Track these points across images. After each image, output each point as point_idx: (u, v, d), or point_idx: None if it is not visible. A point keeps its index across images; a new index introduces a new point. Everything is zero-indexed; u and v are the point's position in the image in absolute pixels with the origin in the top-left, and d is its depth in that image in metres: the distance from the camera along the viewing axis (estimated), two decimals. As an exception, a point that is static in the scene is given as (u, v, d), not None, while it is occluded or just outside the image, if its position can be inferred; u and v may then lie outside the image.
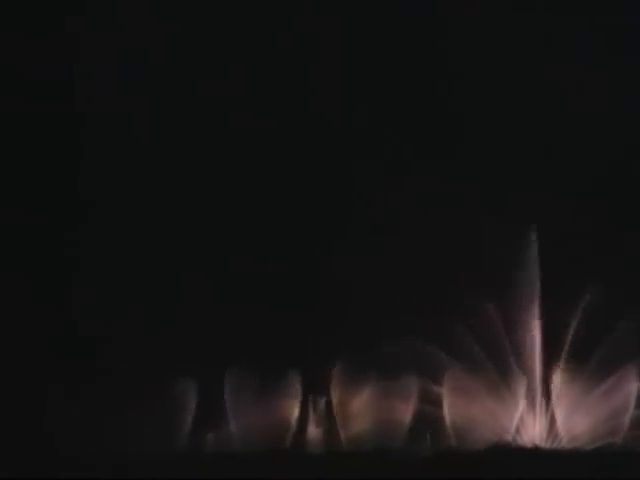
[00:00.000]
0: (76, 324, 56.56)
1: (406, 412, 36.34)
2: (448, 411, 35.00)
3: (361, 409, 38.37)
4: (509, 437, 34.08)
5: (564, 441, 33.82)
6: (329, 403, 41.07)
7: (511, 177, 56.16)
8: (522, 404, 34.31)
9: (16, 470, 41.65)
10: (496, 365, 36.17)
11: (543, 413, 33.63)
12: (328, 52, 63.27)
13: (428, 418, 35.63)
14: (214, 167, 62.55)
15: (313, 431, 41.35)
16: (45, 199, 59.36)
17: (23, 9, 60.48)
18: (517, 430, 34.59)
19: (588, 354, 35.33)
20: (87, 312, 57.19)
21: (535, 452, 32.51)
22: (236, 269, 59.50)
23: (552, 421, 34.80)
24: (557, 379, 34.25)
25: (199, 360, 50.56)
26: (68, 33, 60.48)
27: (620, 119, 59.12)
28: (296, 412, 40.67)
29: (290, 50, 63.12)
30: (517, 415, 34.52)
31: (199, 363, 50.00)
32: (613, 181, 54.04)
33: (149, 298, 58.75)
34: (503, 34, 63.47)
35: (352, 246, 57.89)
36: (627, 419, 32.62)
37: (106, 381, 49.67)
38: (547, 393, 34.49)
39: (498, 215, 48.39)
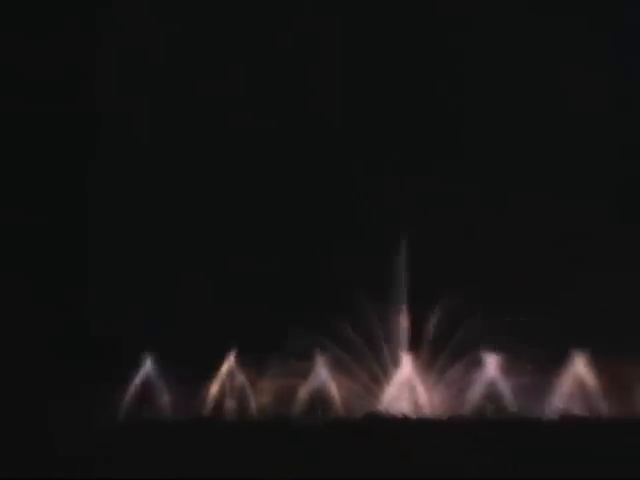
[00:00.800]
0: (77, 324, 57.63)
1: (304, 389, 47.37)
2: (336, 389, 46.49)
3: (267, 386, 49.40)
4: (383, 409, 45.10)
5: (426, 412, 44.90)
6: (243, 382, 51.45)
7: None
8: (393, 383, 46.01)
9: (16, 470, 41.42)
10: (373, 352, 47.50)
11: (409, 390, 45.14)
12: (328, 52, 63.77)
13: (320, 394, 46.86)
14: (215, 167, 63.33)
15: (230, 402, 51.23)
16: (48, 200, 60.16)
17: (23, 9, 61.48)
18: (390, 403, 45.65)
19: (444, 344, 46.50)
20: (89, 312, 58.59)
21: (404, 420, 42.98)
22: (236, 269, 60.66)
23: (416, 396, 45.83)
24: (421, 363, 45.67)
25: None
26: (73, 34, 61.01)
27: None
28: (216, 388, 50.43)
29: (290, 50, 63.52)
30: (389, 392, 45.97)
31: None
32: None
33: (151, 297, 59.77)
34: (502, 34, 63.85)
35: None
36: (473, 395, 43.58)
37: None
38: (412, 374, 45.76)
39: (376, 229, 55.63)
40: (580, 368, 45.66)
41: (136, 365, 53.57)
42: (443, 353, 47.86)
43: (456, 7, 64.22)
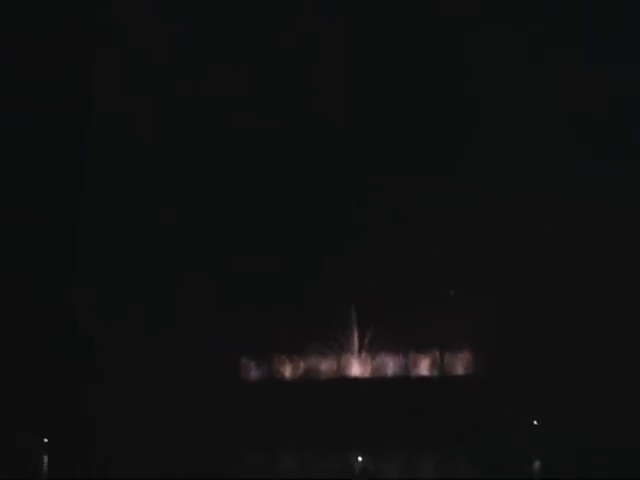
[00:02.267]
0: (76, 324, 58.10)
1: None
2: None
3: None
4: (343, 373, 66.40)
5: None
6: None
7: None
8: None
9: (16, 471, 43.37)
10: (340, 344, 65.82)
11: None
12: (328, 52, 63.83)
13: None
14: (215, 168, 63.89)
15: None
16: (46, 200, 60.01)
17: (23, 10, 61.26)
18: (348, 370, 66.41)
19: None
20: (87, 312, 58.81)
21: (357, 380, 66.11)
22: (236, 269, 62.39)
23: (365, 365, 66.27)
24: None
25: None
26: (72, 34, 61.07)
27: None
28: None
29: (290, 50, 63.59)
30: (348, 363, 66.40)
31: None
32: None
33: (148, 298, 60.89)
34: (501, 35, 64.77)
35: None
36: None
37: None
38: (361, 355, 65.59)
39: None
40: None
41: None
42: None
43: (456, 7, 64.66)
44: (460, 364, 66.71)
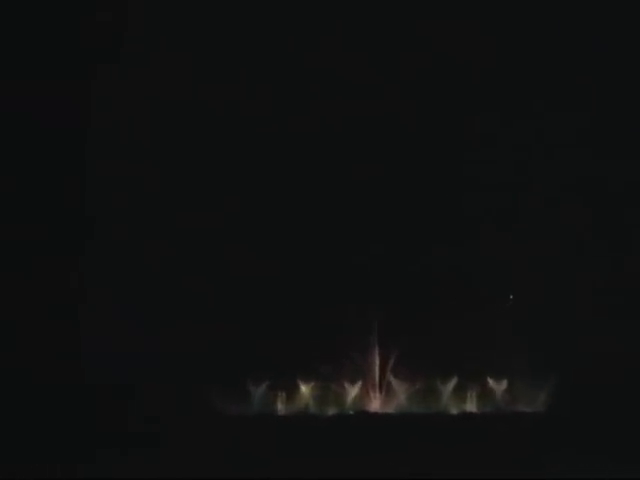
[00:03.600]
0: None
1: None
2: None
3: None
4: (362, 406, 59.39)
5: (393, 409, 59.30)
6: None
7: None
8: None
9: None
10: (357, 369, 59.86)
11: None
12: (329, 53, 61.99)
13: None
14: (216, 173, 61.92)
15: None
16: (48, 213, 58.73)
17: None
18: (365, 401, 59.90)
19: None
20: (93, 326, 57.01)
21: (375, 415, 58.08)
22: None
23: (386, 396, 59.77)
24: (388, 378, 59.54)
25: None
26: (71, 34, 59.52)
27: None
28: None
29: (290, 52, 61.84)
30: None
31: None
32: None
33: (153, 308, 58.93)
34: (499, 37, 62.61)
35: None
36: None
37: None
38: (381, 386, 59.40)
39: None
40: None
41: None
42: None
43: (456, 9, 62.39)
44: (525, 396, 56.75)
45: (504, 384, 58.05)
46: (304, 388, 58.93)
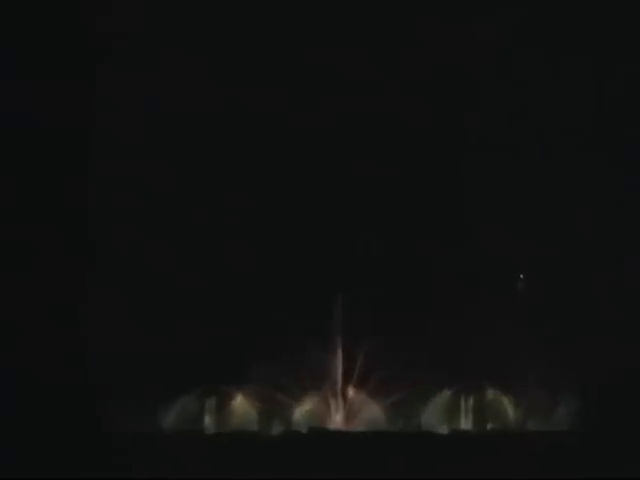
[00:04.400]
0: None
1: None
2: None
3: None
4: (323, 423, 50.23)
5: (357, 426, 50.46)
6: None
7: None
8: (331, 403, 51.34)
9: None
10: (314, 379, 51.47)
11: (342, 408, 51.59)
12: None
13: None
14: (216, 171, 59.92)
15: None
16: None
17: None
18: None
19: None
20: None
21: (339, 433, 48.30)
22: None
23: (350, 413, 50.95)
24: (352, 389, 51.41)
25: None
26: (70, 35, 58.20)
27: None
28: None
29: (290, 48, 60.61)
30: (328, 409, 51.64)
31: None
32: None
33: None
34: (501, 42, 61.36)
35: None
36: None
37: None
38: (345, 397, 51.40)
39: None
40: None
41: None
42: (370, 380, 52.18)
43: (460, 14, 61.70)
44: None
45: (510, 396, 49.09)
46: (241, 397, 49.07)
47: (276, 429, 48.05)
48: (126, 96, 59.14)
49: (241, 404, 49.23)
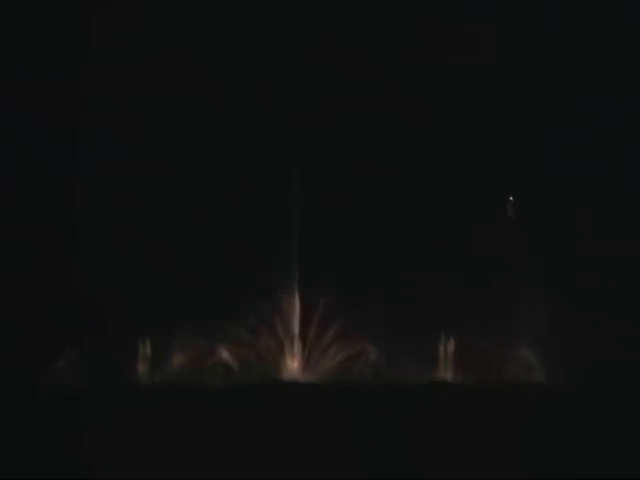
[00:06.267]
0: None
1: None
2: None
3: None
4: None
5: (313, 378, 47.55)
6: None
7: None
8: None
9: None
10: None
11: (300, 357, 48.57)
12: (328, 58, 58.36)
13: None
14: (214, 171, 58.38)
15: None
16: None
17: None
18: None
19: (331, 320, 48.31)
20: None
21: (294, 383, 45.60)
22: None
23: (306, 363, 47.93)
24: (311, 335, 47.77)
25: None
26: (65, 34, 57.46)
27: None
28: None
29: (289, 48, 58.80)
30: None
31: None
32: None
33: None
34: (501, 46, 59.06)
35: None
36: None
37: None
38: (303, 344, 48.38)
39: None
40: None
41: None
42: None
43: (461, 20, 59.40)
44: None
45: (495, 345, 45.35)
46: (180, 346, 45.75)
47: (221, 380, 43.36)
48: (126, 96, 57.46)
49: (180, 355, 45.25)
